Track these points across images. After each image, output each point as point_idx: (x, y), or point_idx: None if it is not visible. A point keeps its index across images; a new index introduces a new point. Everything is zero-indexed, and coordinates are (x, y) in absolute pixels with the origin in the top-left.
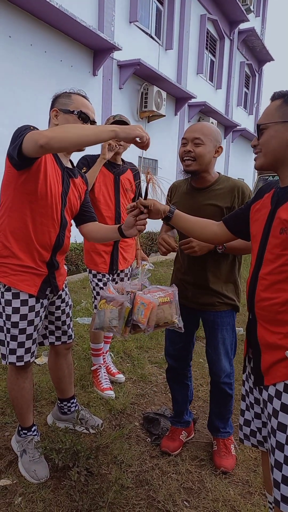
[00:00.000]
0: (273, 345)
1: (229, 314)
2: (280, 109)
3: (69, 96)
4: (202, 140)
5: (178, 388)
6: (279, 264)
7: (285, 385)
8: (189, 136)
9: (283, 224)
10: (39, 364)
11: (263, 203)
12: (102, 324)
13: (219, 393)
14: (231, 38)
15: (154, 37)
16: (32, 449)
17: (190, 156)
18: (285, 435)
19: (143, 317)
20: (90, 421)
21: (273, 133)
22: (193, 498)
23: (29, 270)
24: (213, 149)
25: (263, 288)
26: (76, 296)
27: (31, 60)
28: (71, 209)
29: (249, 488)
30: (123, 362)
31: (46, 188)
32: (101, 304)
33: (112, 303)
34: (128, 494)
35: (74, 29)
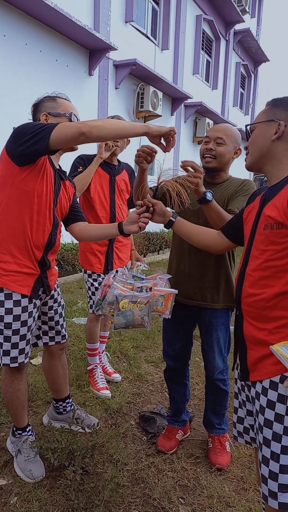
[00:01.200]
0: (259, 341)
1: (224, 314)
2: (267, 112)
3: (54, 99)
4: (224, 140)
5: (176, 387)
6: (263, 260)
7: (271, 382)
8: (212, 135)
9: (266, 220)
10: (34, 365)
11: (254, 204)
12: (132, 322)
13: (213, 388)
14: (226, 38)
15: (150, 37)
16: (27, 449)
17: (211, 154)
18: (271, 431)
19: (164, 307)
20: (86, 421)
21: (259, 132)
22: (188, 495)
23: (22, 270)
24: (233, 150)
25: (250, 284)
26: (72, 296)
27: (26, 59)
28: (61, 210)
29: (244, 484)
30: (120, 362)
31: (43, 186)
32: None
33: (139, 301)
34: (124, 492)
35: (69, 28)
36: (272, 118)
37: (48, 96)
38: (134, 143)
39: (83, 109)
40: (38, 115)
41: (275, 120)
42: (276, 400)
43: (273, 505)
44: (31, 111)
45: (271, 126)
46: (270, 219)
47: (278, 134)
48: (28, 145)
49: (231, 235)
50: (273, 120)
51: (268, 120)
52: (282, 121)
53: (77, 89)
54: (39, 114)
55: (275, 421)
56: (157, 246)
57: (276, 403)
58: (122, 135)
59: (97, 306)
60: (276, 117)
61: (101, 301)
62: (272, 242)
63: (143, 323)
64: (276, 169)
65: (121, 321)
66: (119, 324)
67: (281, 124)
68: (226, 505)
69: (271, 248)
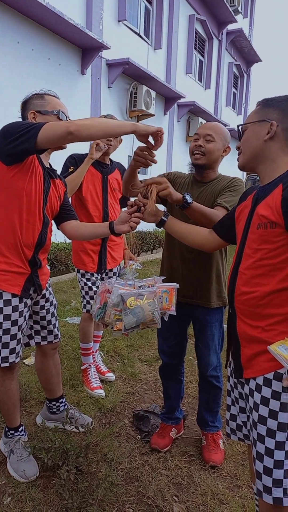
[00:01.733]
0: (252, 339)
1: (218, 311)
2: (258, 112)
3: (42, 97)
4: (214, 137)
5: (171, 384)
6: (256, 258)
7: (264, 378)
8: (202, 132)
9: (260, 219)
10: (27, 365)
11: (246, 204)
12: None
13: (207, 386)
14: (219, 38)
15: (143, 36)
16: (19, 449)
17: (200, 150)
18: (265, 427)
19: (169, 303)
20: (79, 420)
21: (251, 133)
22: (182, 493)
23: (12, 269)
24: (222, 148)
25: (243, 282)
26: (65, 296)
27: (18, 58)
28: (52, 209)
29: (237, 482)
30: (113, 361)
31: (31, 185)
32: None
33: (147, 296)
34: (118, 491)
35: (62, 27)
36: (264, 118)
37: (36, 93)
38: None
39: (76, 108)
40: (26, 113)
41: (267, 120)
42: (270, 396)
43: (267, 500)
44: (20, 109)
45: (263, 126)
46: (264, 218)
47: (270, 134)
48: (16, 144)
49: (223, 234)
50: (265, 120)
51: (260, 120)
52: (274, 121)
53: (69, 88)
54: (27, 112)
55: (269, 417)
56: (151, 245)
57: (270, 399)
58: (110, 134)
59: (98, 315)
60: (268, 117)
61: (101, 308)
62: (266, 241)
63: (154, 319)
64: (269, 169)
65: (131, 320)
66: (129, 323)
67: (273, 124)
68: (220, 502)
69: (265, 247)
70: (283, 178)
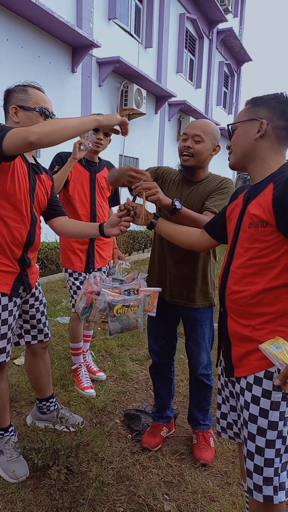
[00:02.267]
0: (243, 337)
1: (208, 310)
2: (248, 111)
3: (25, 90)
4: (202, 138)
5: (162, 383)
6: (247, 257)
7: (255, 377)
8: (190, 132)
9: (251, 218)
10: (18, 365)
11: (237, 202)
12: (128, 326)
13: (197, 384)
14: (210, 37)
15: (134, 35)
16: (9, 449)
17: (189, 152)
18: (256, 426)
19: (150, 306)
20: (70, 420)
21: (241, 132)
22: (173, 491)
23: (1, 268)
24: (211, 147)
25: (234, 281)
26: (56, 295)
27: (7, 56)
28: (39, 206)
29: (228, 479)
30: (104, 360)
31: (15, 185)
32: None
33: (132, 304)
34: (109, 490)
35: (51, 24)
36: (254, 117)
37: (20, 85)
38: (118, 140)
39: (66, 107)
40: (8, 106)
41: (257, 118)
42: (260, 395)
43: (258, 498)
44: (3, 98)
45: (253, 125)
46: (255, 217)
47: (261, 132)
48: None
49: (214, 233)
50: (255, 119)
51: (250, 119)
52: (264, 120)
53: (60, 86)
54: (9, 105)
55: (260, 416)
56: (142, 244)
57: (260, 398)
58: (74, 135)
59: (83, 314)
60: (257, 115)
61: (87, 309)
62: (257, 240)
63: (137, 325)
64: (259, 168)
65: (117, 326)
66: (115, 329)
67: (263, 122)
68: (210, 500)
69: (256, 246)
70: (274, 177)
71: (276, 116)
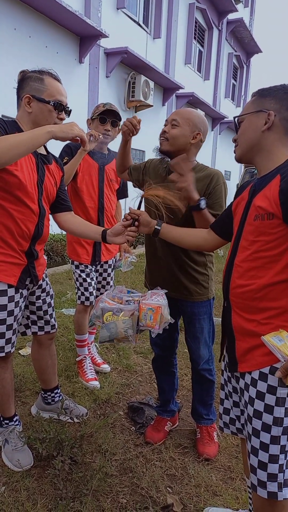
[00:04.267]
0: (248, 332)
1: (205, 304)
2: (254, 102)
3: (41, 79)
4: (178, 122)
5: (164, 377)
6: (253, 250)
7: (260, 373)
8: (169, 118)
9: (257, 210)
10: (23, 355)
11: (243, 196)
12: (115, 335)
13: (200, 379)
14: (219, 28)
15: (142, 25)
16: (14, 439)
17: (164, 136)
18: (261, 421)
19: (153, 321)
20: (74, 411)
21: (248, 124)
22: (176, 484)
23: (8, 260)
24: (190, 134)
25: (238, 275)
26: (61, 287)
27: (15, 45)
28: (48, 197)
29: (231, 474)
30: (109, 353)
31: (19, 179)
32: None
33: (123, 314)
34: (112, 481)
35: (59, 14)
36: (261, 108)
37: (36, 72)
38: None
39: (73, 98)
40: (22, 94)
41: (264, 110)
42: (265, 391)
43: (262, 494)
44: (18, 81)
45: (260, 117)
46: (261, 210)
47: (268, 124)
48: None
49: (221, 232)
50: (261, 111)
51: (256, 111)
52: (272, 111)
53: (67, 76)
54: (23, 93)
55: (265, 412)
56: None
57: (265, 394)
58: (26, 152)
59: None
60: (264, 107)
61: None
62: (263, 232)
63: (127, 336)
64: (266, 160)
65: (105, 334)
66: (103, 337)
67: (270, 114)
68: (213, 494)
69: (262, 239)
70: (280, 169)
71: (284, 107)
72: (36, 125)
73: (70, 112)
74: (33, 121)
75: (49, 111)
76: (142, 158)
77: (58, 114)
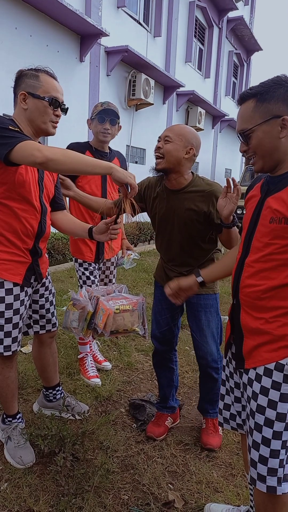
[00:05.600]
0: (256, 330)
1: (212, 297)
2: (257, 110)
3: (37, 76)
4: (171, 138)
5: (163, 372)
6: (267, 252)
7: (265, 368)
8: (162, 134)
9: (273, 213)
10: (25, 353)
11: (254, 193)
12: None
13: (205, 377)
14: (219, 26)
15: (142, 24)
16: (17, 436)
17: (159, 152)
18: (263, 417)
19: (101, 322)
20: (76, 408)
21: (261, 134)
22: (177, 481)
23: (13, 259)
24: (183, 149)
25: (249, 275)
26: (63, 285)
27: (16, 44)
28: (48, 195)
29: (232, 470)
30: (110, 350)
31: (24, 177)
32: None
33: (76, 306)
34: (114, 478)
35: (60, 13)
36: (271, 115)
37: (32, 69)
38: (124, 130)
39: (74, 96)
40: (18, 91)
41: (275, 117)
42: (270, 386)
43: (261, 488)
44: (15, 79)
45: (273, 124)
46: (278, 213)
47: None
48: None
49: None
50: (273, 118)
51: (267, 119)
52: (285, 116)
53: (68, 75)
54: (19, 90)
55: (268, 407)
56: (148, 235)
57: (270, 389)
58: (81, 173)
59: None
60: (274, 113)
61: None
62: (278, 236)
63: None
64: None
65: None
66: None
67: (285, 119)
68: (215, 490)
69: (277, 242)
70: None
71: None
72: (32, 122)
73: (67, 110)
74: (29, 118)
75: (44, 107)
76: (143, 156)
77: (54, 110)
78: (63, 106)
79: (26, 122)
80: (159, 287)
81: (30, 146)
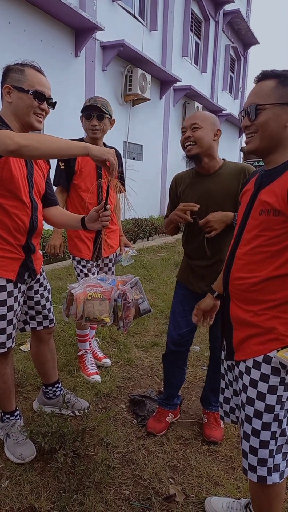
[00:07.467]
0: (244, 322)
1: None
2: (276, 90)
3: (22, 70)
4: (199, 124)
5: (175, 372)
6: (255, 245)
7: (254, 361)
8: (187, 124)
9: (263, 205)
10: (24, 351)
11: (248, 187)
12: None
13: (216, 365)
14: (216, 20)
15: (138, 17)
16: (15, 433)
17: (190, 141)
18: (253, 408)
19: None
20: (76, 405)
21: (271, 115)
22: (178, 475)
23: (6, 255)
24: (212, 132)
25: (238, 267)
26: (61, 282)
27: (9, 39)
28: (39, 190)
29: (232, 464)
30: (110, 347)
31: (11, 173)
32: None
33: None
34: (115, 473)
35: (54, 7)
36: (286, 100)
37: (18, 64)
38: (120, 127)
39: (70, 92)
40: (3, 84)
41: None
42: (258, 379)
43: (252, 478)
44: (2, 75)
45: (284, 110)
46: (267, 205)
47: None
48: None
49: None
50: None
51: (282, 103)
52: None
53: (63, 71)
54: (4, 83)
55: (257, 399)
56: (147, 232)
57: (258, 381)
58: (56, 157)
59: None
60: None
61: None
62: (267, 228)
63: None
64: (279, 155)
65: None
66: None
67: None
68: (215, 484)
69: (266, 233)
70: None
71: None
72: (18, 116)
73: (55, 104)
74: (15, 112)
75: (30, 100)
76: (140, 152)
77: (39, 104)
78: (50, 100)
79: (12, 117)
80: (183, 288)
81: (3, 135)
